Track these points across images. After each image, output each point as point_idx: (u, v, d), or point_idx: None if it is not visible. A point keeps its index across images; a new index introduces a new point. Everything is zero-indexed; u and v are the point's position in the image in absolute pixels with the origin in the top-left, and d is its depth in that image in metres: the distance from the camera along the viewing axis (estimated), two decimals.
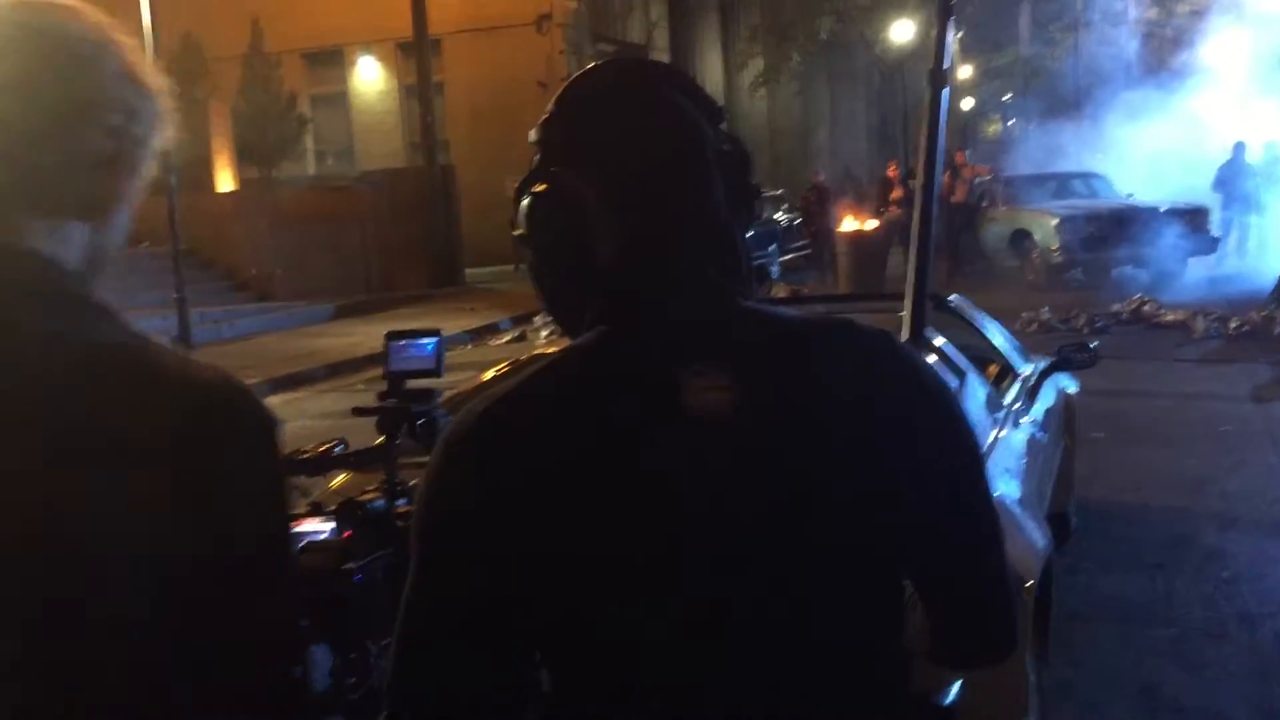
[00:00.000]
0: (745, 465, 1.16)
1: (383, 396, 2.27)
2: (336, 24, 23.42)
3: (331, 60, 25.52)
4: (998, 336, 5.27)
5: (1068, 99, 29.21)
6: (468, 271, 20.22)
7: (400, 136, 25.01)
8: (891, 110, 35.63)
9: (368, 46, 25.05)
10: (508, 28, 23.26)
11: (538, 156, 1.28)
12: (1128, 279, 15.69)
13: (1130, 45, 29.30)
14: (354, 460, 2.34)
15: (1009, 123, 40.42)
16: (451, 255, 19.94)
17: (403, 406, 2.23)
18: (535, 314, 13.95)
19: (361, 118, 25.96)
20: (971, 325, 5.18)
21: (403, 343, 2.25)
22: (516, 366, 4.33)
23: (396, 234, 19.58)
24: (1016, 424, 4.45)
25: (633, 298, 1.22)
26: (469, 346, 14.28)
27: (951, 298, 5.33)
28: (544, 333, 13.51)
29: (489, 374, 4.20)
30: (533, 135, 1.29)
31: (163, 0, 15.26)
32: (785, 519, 1.16)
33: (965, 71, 36.36)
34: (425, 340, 2.26)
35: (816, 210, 16.84)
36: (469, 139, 23.31)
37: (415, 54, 20.47)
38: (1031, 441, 4.51)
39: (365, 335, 14.52)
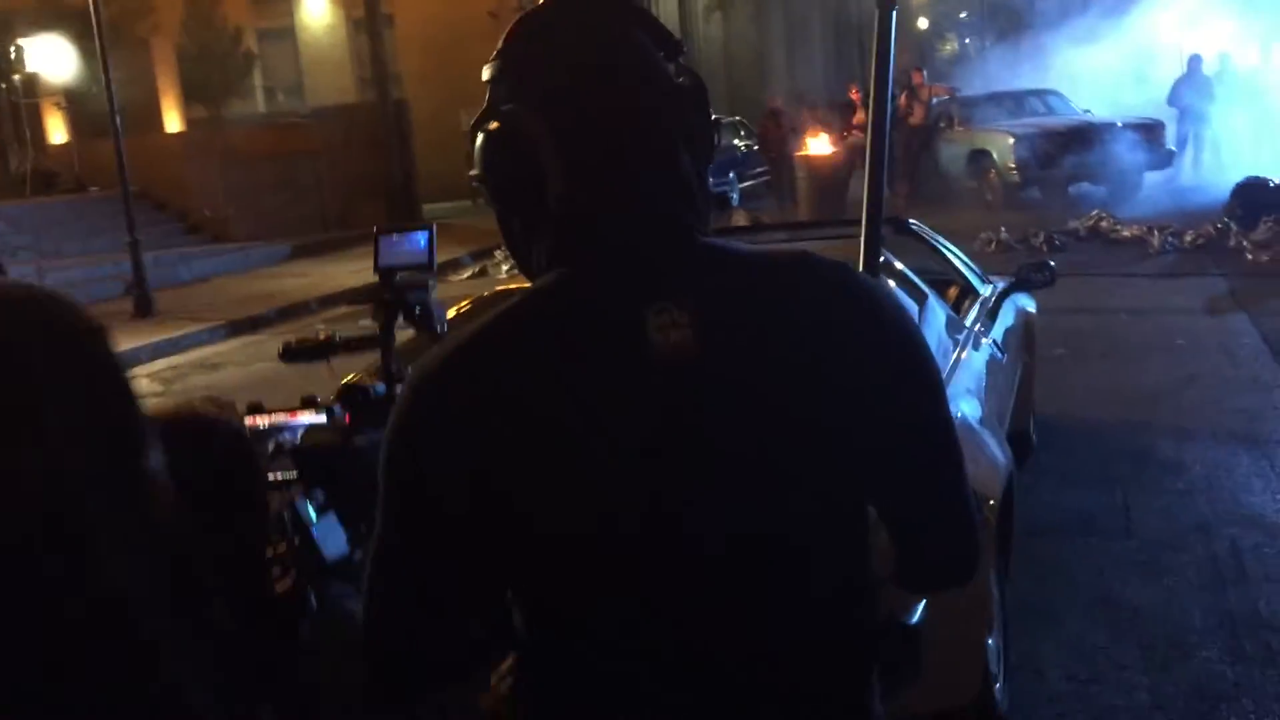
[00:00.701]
0: (709, 400, 1.16)
1: (374, 290, 2.26)
2: None
3: None
4: (956, 259, 5.29)
5: (1023, 16, 29.06)
6: (425, 207, 20.01)
7: (350, 72, 24.56)
8: (847, 31, 35.39)
9: None
10: None
11: (490, 94, 1.27)
12: (1085, 195, 15.77)
13: None
14: (353, 345, 2.33)
15: (964, 41, 40.25)
16: (408, 191, 19.70)
17: (397, 296, 2.22)
18: (496, 248, 13.85)
19: (310, 53, 25.45)
20: (931, 248, 5.20)
21: (394, 237, 2.22)
22: (479, 304, 4.31)
23: (351, 171, 19.32)
24: (977, 345, 4.50)
25: (589, 237, 1.21)
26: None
27: (910, 221, 5.34)
28: (505, 267, 13.43)
29: (451, 312, 4.16)
30: (485, 72, 1.28)
31: None
32: (750, 451, 1.17)
33: None
34: (417, 233, 2.22)
35: (774, 136, 16.74)
36: (421, 73, 22.94)
37: None
38: (992, 362, 4.56)
39: (322, 276, 14.39)
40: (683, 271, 1.20)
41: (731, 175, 18.46)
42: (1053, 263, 5.28)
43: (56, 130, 19.73)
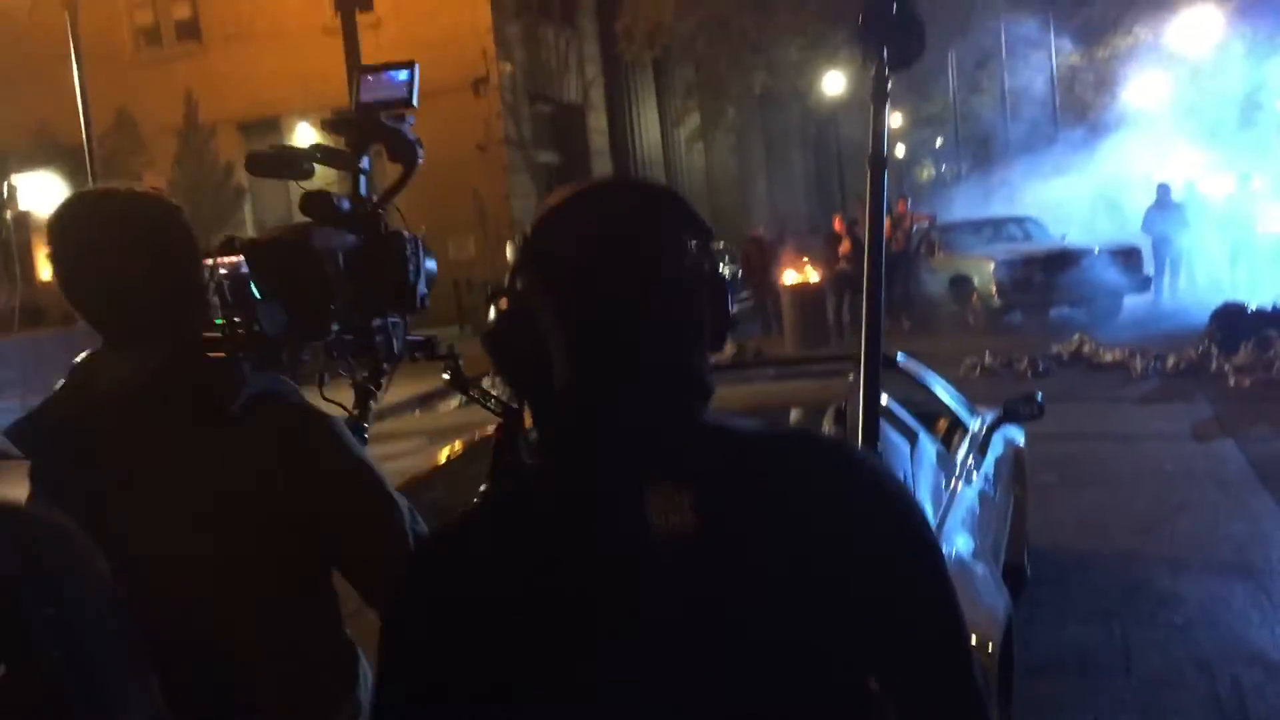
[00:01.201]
0: (710, 581, 1.17)
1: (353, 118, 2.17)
2: (272, 94, 23.33)
3: (268, 129, 25.39)
4: (945, 393, 5.33)
5: (997, 144, 29.89)
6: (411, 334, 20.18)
7: None
8: (826, 159, 36.26)
9: (304, 114, 24.97)
10: (445, 92, 23.32)
11: (511, 269, 1.29)
12: (1066, 319, 15.99)
13: (1053, 90, 30.09)
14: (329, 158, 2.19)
15: (941, 168, 41.25)
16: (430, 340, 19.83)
17: (375, 125, 2.13)
18: (483, 377, 13.88)
19: (300, 185, 25.83)
20: (920, 383, 5.24)
21: (373, 75, 2.17)
22: (470, 448, 4.30)
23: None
24: (969, 480, 4.50)
25: (590, 421, 1.23)
26: (416, 413, 14.17)
27: (900, 357, 5.40)
28: (494, 394, 13.43)
29: (443, 455, 4.17)
30: (509, 251, 1.31)
31: (96, 76, 15.21)
32: (752, 631, 1.17)
33: (895, 120, 37.13)
34: (397, 69, 2.17)
35: (758, 263, 17.02)
36: (408, 202, 23.08)
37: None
38: (984, 497, 4.56)
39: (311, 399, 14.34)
40: (684, 452, 1.21)
41: None
42: (1040, 395, 5.32)
43: (46, 265, 19.92)
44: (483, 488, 1.89)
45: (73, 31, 14.57)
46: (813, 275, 16.29)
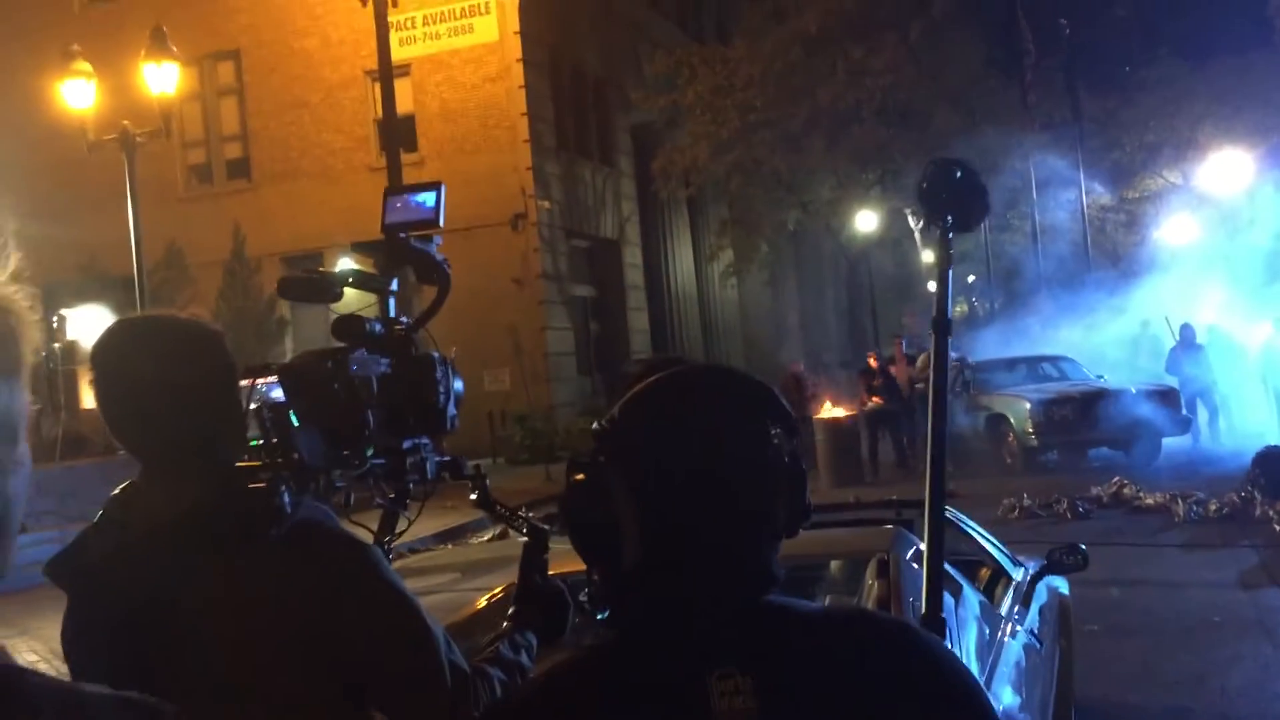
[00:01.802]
0: None
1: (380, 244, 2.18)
2: (317, 228, 23.93)
3: (311, 262, 25.99)
4: (987, 542, 5.27)
5: (1029, 282, 30.06)
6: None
7: None
8: (859, 294, 36.53)
9: (346, 248, 25.58)
10: (483, 227, 23.90)
11: (596, 445, 1.32)
12: (1104, 460, 15.82)
13: (1085, 230, 30.38)
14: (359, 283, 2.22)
15: (973, 302, 41.41)
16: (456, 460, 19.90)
17: (402, 250, 2.15)
18: (520, 508, 13.83)
19: (332, 310, 26.26)
20: (962, 531, 5.19)
21: (401, 196, 2.17)
22: (509, 592, 4.27)
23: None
24: (1014, 633, 4.42)
25: (657, 605, 1.26)
26: (448, 546, 14.10)
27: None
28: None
29: (482, 601, 4.14)
30: (595, 426, 1.33)
31: (148, 211, 15.70)
32: None
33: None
34: (425, 192, 2.18)
35: (794, 399, 17.04)
36: (446, 334, 23.33)
37: None
38: (1030, 651, 4.47)
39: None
40: (746, 636, 1.23)
41: None
42: (1083, 546, 5.24)
43: (89, 392, 20.28)
44: (510, 610, 1.90)
45: (129, 170, 15.12)
46: (845, 412, 16.30)
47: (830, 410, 16.45)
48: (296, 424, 1.82)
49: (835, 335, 37.33)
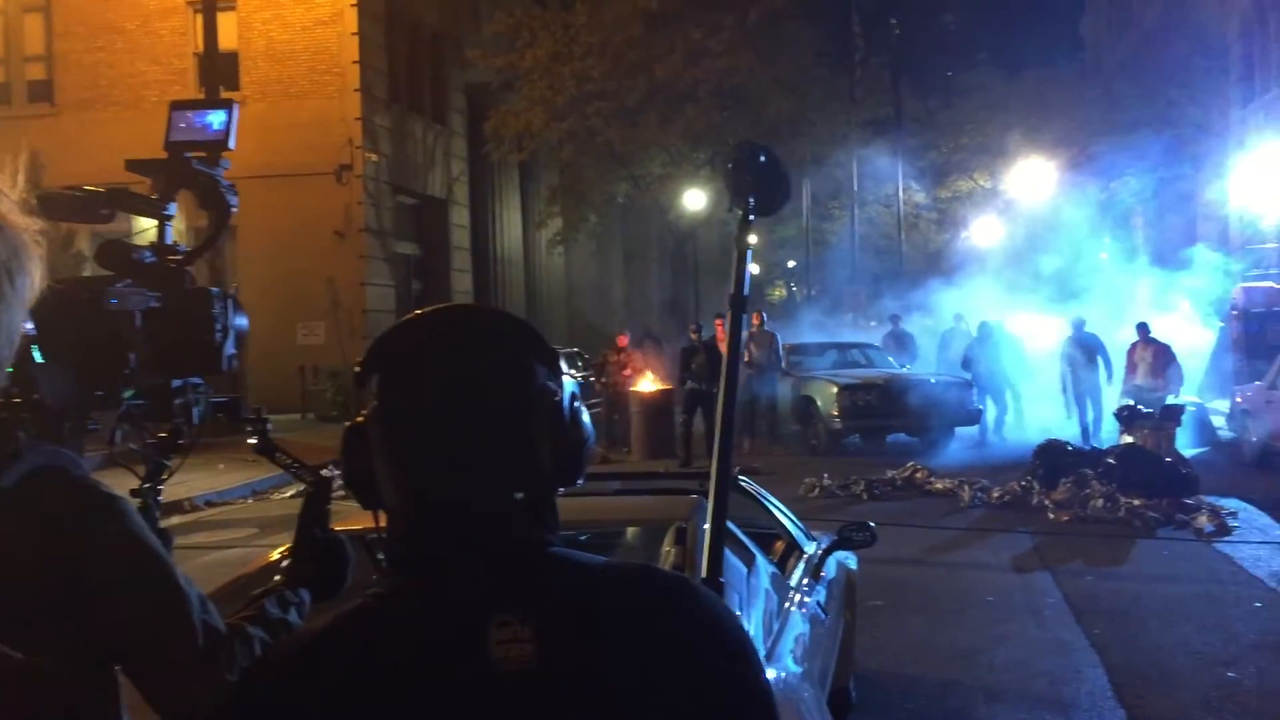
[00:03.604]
0: (546, 713, 1.20)
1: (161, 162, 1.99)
2: (123, 161, 22.77)
3: None
4: (783, 515, 5.46)
5: (846, 270, 31.15)
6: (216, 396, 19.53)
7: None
8: (683, 272, 37.09)
9: None
10: (307, 175, 23.15)
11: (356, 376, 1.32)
12: (902, 446, 16.58)
13: (899, 224, 31.63)
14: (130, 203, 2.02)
15: (792, 287, 42.64)
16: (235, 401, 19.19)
17: (185, 170, 1.96)
18: (325, 465, 13.52)
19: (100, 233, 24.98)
20: (760, 504, 5.36)
21: (188, 112, 1.98)
22: None
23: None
24: (802, 604, 4.60)
25: (431, 551, 1.26)
26: (250, 500, 13.70)
27: (741, 478, 5.51)
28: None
29: (275, 554, 4.04)
30: (357, 370, 1.32)
31: None
32: None
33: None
34: (214, 110, 1.99)
35: (617, 371, 17.13)
36: (261, 284, 22.78)
37: None
38: (816, 621, 4.66)
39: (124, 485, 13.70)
40: (527, 584, 1.24)
41: None
42: (872, 523, 5.48)
43: None
44: (284, 563, 1.84)
45: None
46: (661, 386, 16.53)
47: (647, 384, 16.66)
48: (40, 360, 1.65)
49: (658, 311, 37.81)
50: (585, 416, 1.37)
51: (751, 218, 2.40)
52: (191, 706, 1.52)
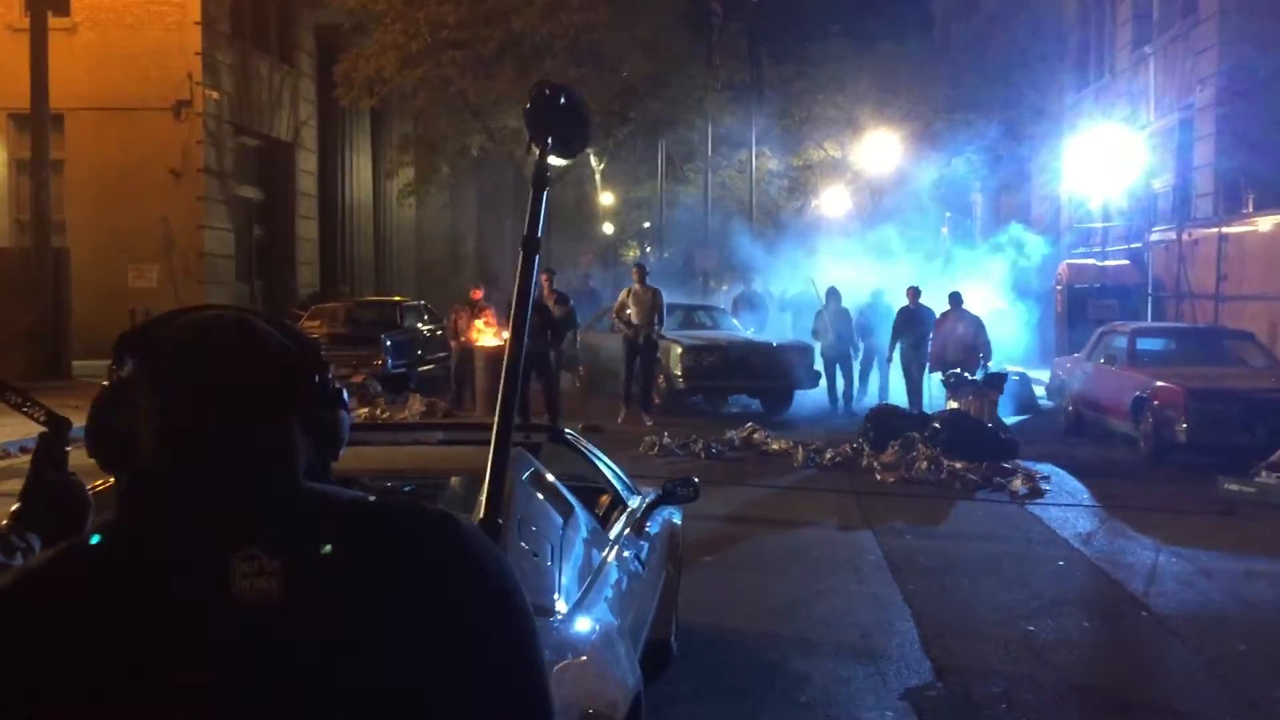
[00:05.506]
0: (290, 648, 1.19)
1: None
2: None
3: None
4: (608, 469, 5.49)
5: (697, 234, 31.44)
6: (78, 363, 18.63)
7: (7, 213, 22.89)
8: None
9: None
10: (142, 110, 22.10)
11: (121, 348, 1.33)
12: (743, 407, 16.88)
13: (751, 189, 32.05)
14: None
15: (646, 249, 42.83)
16: (57, 345, 18.31)
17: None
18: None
19: None
20: (585, 459, 5.37)
21: None
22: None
23: None
24: (620, 556, 4.63)
25: (169, 494, 1.25)
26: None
27: (566, 431, 5.52)
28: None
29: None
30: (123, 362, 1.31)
31: None
32: (326, 700, 1.19)
33: (607, 199, 38.39)
34: None
35: (466, 325, 16.86)
36: (90, 222, 21.72)
37: (31, 127, 18.94)
38: (633, 574, 4.70)
39: None
40: (279, 520, 1.23)
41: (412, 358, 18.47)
42: (696, 479, 5.56)
43: None
44: (14, 507, 1.77)
45: None
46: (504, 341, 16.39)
47: (491, 340, 16.50)
48: None
49: (509, 264, 37.54)
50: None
51: (550, 158, 2.38)
52: None
